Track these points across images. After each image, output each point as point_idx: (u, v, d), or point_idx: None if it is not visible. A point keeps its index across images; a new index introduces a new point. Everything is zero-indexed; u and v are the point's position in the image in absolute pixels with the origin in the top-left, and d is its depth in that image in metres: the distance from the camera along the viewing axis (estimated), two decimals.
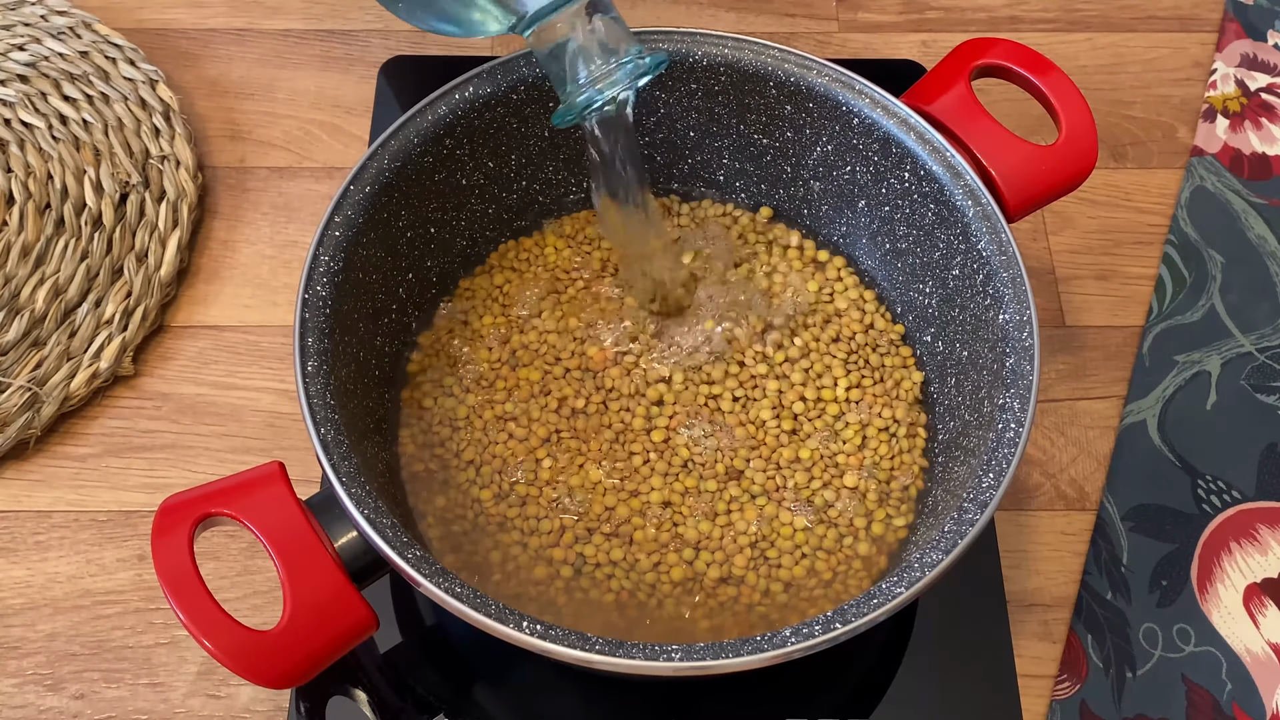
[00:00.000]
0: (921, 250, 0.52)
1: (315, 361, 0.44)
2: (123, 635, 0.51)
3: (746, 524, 0.48)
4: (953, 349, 0.50)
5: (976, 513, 0.41)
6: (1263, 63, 0.69)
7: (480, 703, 0.49)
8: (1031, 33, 0.70)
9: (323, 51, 0.68)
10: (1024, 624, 0.52)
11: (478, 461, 0.49)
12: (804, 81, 0.51)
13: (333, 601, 0.40)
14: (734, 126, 0.55)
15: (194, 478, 0.54)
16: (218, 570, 0.52)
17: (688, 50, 0.52)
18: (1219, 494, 0.55)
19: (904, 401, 0.51)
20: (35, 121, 0.62)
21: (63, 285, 0.57)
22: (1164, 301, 0.60)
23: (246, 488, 0.41)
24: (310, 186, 0.63)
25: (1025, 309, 0.45)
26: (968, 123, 0.50)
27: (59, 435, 0.55)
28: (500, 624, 0.38)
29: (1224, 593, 0.52)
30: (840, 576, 0.47)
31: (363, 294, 0.49)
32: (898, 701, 0.49)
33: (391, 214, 0.49)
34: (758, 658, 0.38)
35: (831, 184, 0.54)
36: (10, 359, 0.55)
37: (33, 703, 0.49)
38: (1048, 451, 0.56)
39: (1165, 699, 0.50)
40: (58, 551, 0.53)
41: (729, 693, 0.49)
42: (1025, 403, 0.43)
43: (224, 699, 0.49)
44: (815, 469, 0.49)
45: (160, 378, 0.57)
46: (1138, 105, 0.68)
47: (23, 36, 0.64)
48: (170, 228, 0.59)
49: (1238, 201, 0.64)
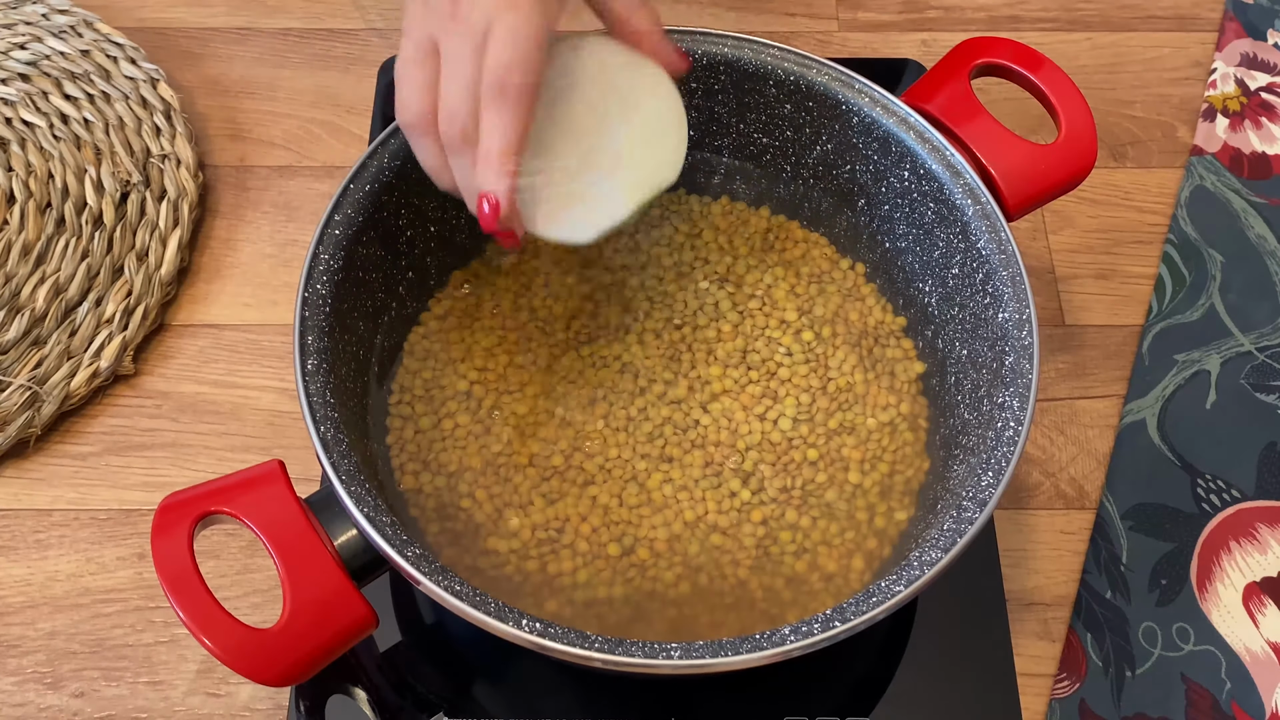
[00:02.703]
0: (921, 249, 0.52)
1: (315, 360, 0.44)
2: (123, 633, 0.51)
3: (749, 519, 0.48)
4: (952, 347, 0.50)
5: (975, 511, 0.41)
6: (1263, 62, 0.69)
7: (480, 701, 0.49)
8: (1031, 32, 0.70)
9: (323, 51, 0.68)
10: (1023, 623, 0.52)
11: (477, 461, 0.49)
12: (804, 80, 0.51)
13: (332, 600, 0.40)
14: (734, 125, 0.55)
15: (194, 476, 0.54)
16: (218, 569, 0.52)
17: (688, 49, 0.52)
18: (1218, 493, 0.55)
19: (906, 394, 0.51)
20: (36, 120, 0.62)
21: (63, 284, 0.57)
22: (1164, 301, 0.60)
23: (246, 486, 0.41)
24: (310, 185, 0.63)
25: (1025, 308, 0.46)
26: (967, 122, 0.50)
27: (59, 434, 0.55)
28: (500, 622, 0.38)
29: (1223, 592, 0.52)
30: (843, 571, 0.47)
31: (362, 292, 0.49)
32: (898, 700, 0.49)
33: (391, 212, 0.49)
34: (757, 656, 0.38)
35: (831, 183, 0.55)
36: (11, 358, 0.55)
37: (33, 701, 0.49)
38: (1047, 450, 0.56)
39: (1165, 698, 0.50)
40: (58, 550, 0.53)
41: (729, 691, 0.49)
42: (1024, 401, 0.43)
43: (224, 697, 0.49)
44: (820, 462, 0.49)
45: (160, 376, 0.57)
46: (1138, 105, 0.68)
47: (24, 35, 0.65)
48: (171, 227, 0.59)
49: (1237, 201, 0.64)
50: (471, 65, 0.42)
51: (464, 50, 0.42)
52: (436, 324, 0.52)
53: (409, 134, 0.44)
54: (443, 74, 0.43)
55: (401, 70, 0.43)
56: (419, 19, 0.43)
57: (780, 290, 0.53)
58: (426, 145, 0.44)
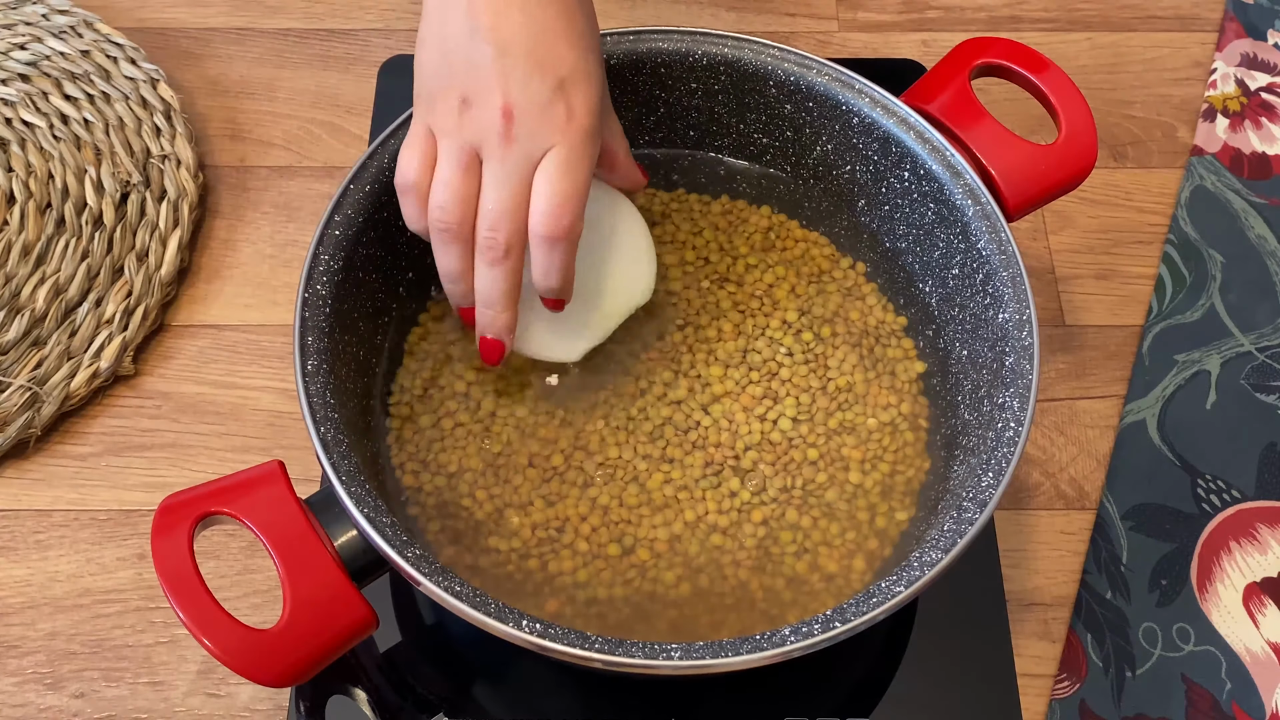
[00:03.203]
0: (921, 249, 0.52)
1: (315, 360, 0.44)
2: (122, 634, 0.51)
3: (749, 519, 0.48)
4: (952, 348, 0.50)
5: (976, 512, 0.41)
6: (1263, 62, 0.69)
7: (480, 701, 0.49)
8: (1031, 32, 0.70)
9: (323, 51, 0.68)
10: (1024, 623, 0.52)
11: (477, 461, 0.49)
12: (804, 80, 0.51)
13: (332, 600, 0.40)
14: (734, 125, 0.55)
15: (194, 477, 0.54)
16: (218, 569, 0.52)
17: (688, 49, 0.52)
18: (1219, 493, 0.55)
19: (907, 394, 0.51)
20: (36, 121, 0.62)
21: (63, 284, 0.57)
22: (1164, 301, 0.60)
23: (246, 487, 0.41)
24: (310, 185, 0.63)
25: (1025, 308, 0.46)
26: (967, 122, 0.50)
27: (59, 434, 0.55)
28: (500, 622, 0.38)
29: (1223, 592, 0.52)
30: (844, 571, 0.47)
31: (363, 293, 0.49)
32: (898, 701, 0.49)
33: (391, 213, 0.49)
34: (757, 656, 0.38)
35: (831, 183, 0.55)
36: (11, 358, 0.55)
37: (33, 701, 0.49)
38: (1047, 451, 0.56)
39: (1165, 698, 0.50)
40: (58, 550, 0.53)
41: (729, 691, 0.49)
42: (1025, 402, 0.43)
43: (224, 698, 0.49)
44: (820, 462, 0.49)
45: (160, 377, 0.57)
46: (1138, 105, 0.68)
47: (24, 35, 0.65)
48: (171, 227, 0.59)
49: (1238, 201, 0.64)
50: (521, 184, 0.43)
51: (514, 173, 0.42)
52: (436, 324, 0.52)
53: (441, 237, 0.44)
54: (487, 181, 0.43)
55: (447, 174, 0.43)
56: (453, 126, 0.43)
57: (781, 290, 0.53)
58: (455, 252, 0.44)
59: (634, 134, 0.55)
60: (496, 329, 0.46)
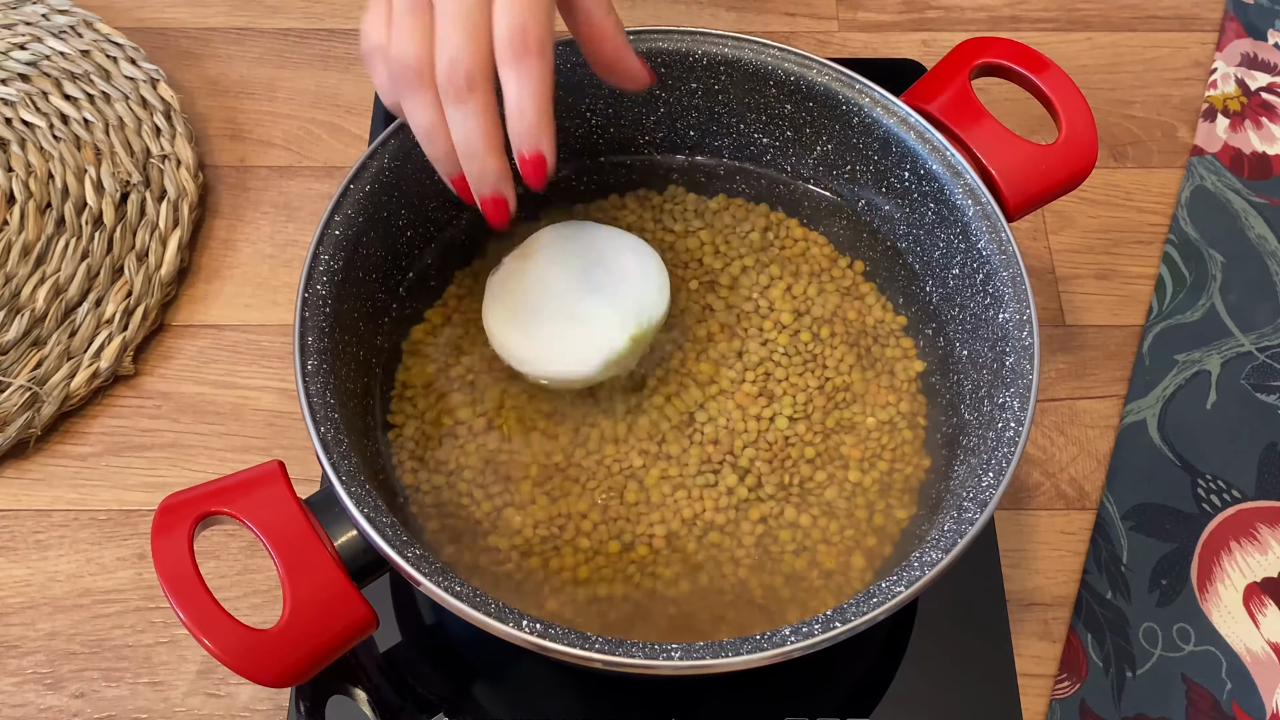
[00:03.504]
0: (921, 249, 0.52)
1: (315, 360, 0.44)
2: (122, 634, 0.51)
3: (747, 516, 0.48)
4: (952, 347, 0.50)
5: (976, 512, 0.41)
6: (1263, 62, 0.69)
7: (480, 701, 0.49)
8: (1031, 32, 0.70)
9: (323, 51, 0.68)
10: (1024, 623, 0.52)
11: (477, 460, 0.49)
12: (804, 80, 0.51)
13: (332, 600, 0.40)
14: (734, 125, 0.55)
15: (194, 477, 0.54)
16: (218, 569, 0.52)
17: (688, 49, 0.52)
18: (1219, 493, 0.55)
19: (905, 393, 0.51)
20: (36, 121, 0.62)
21: (63, 284, 0.57)
22: (1164, 301, 0.60)
23: (246, 487, 0.41)
24: (310, 185, 0.63)
25: (1025, 308, 0.45)
26: (968, 122, 0.50)
27: (59, 434, 0.55)
28: (500, 623, 0.38)
29: (1224, 592, 0.52)
30: (842, 568, 0.47)
31: (363, 293, 0.49)
32: (898, 701, 0.49)
33: (392, 213, 0.49)
34: (757, 657, 0.38)
35: (831, 183, 0.55)
36: (10, 358, 0.55)
37: (32, 701, 0.49)
38: (1047, 451, 0.56)
39: (1165, 698, 0.50)
40: (58, 550, 0.53)
41: (729, 691, 0.49)
42: (1025, 402, 0.43)
43: (224, 698, 0.49)
44: (818, 460, 0.49)
45: (160, 377, 0.57)
46: (1138, 105, 0.68)
47: (24, 35, 0.65)
48: (171, 227, 0.59)
49: (1238, 201, 0.64)
50: (477, 11, 0.39)
51: None
52: (436, 324, 0.52)
53: (402, 88, 0.41)
54: (439, 18, 0.40)
55: (398, 18, 0.40)
56: None
57: (778, 289, 0.53)
58: (422, 99, 0.41)
59: (634, 134, 0.55)
60: (490, 180, 0.42)
